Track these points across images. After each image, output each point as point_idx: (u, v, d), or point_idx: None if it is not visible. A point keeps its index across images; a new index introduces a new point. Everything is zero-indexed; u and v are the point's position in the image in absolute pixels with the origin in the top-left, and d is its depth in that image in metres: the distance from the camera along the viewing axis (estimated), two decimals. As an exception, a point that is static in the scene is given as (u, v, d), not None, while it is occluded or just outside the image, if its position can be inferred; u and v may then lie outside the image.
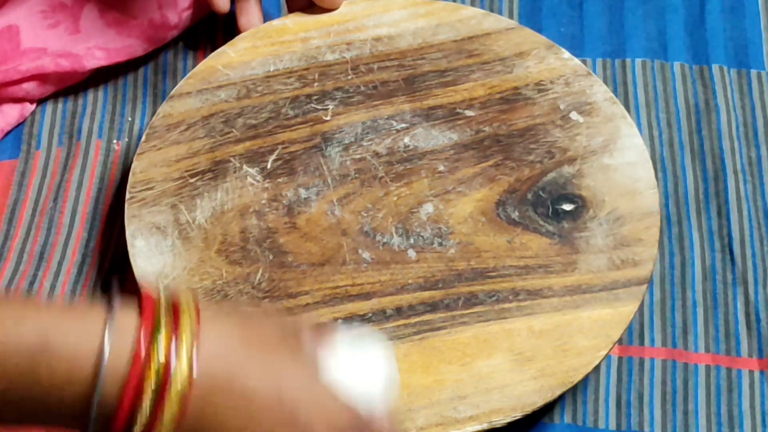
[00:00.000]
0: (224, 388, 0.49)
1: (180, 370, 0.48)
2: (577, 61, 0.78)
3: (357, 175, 0.73)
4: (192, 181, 0.73)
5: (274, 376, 0.50)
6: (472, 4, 0.86)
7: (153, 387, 0.47)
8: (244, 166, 0.74)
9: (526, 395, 0.65)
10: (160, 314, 0.49)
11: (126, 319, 0.48)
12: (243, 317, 0.52)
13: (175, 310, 0.49)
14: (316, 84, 0.77)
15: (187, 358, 0.48)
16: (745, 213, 0.78)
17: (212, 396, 0.48)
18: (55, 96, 0.82)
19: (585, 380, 0.70)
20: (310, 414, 0.50)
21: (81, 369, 0.47)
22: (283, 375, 0.50)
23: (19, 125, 0.81)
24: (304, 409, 0.50)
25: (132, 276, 0.70)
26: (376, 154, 0.74)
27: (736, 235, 0.77)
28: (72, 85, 0.82)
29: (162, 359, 0.47)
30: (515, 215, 0.72)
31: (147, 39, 0.82)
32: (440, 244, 0.71)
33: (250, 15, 0.80)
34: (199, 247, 0.70)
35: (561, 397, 0.68)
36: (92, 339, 0.47)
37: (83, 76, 0.82)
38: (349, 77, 0.77)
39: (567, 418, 0.71)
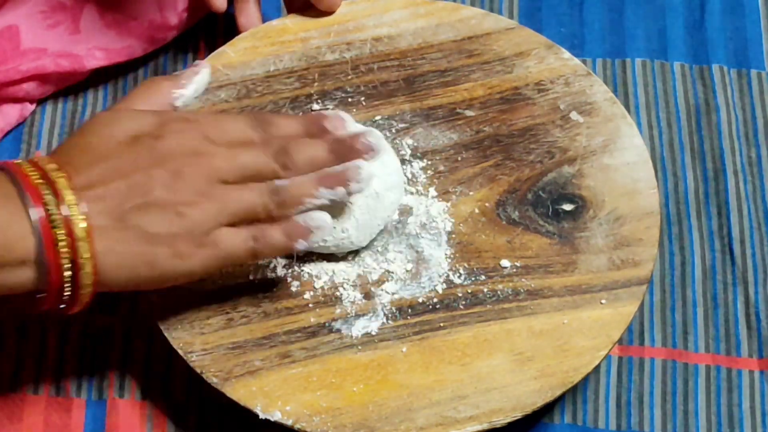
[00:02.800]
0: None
1: (77, 222, 0.58)
2: (577, 61, 0.78)
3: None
4: (192, 181, 0.73)
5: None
6: (472, 4, 0.86)
7: (65, 242, 0.58)
8: (244, 166, 0.74)
9: (526, 395, 0.65)
10: (40, 189, 0.58)
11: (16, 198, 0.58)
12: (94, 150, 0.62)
13: (44, 175, 0.59)
14: (316, 84, 0.77)
15: (79, 210, 0.59)
16: (745, 213, 0.78)
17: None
18: (55, 96, 0.82)
19: (585, 380, 0.70)
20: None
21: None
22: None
23: (19, 125, 0.81)
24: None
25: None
26: (376, 154, 0.74)
27: (736, 235, 0.77)
28: (72, 85, 0.82)
29: (60, 219, 0.58)
30: (515, 215, 0.72)
31: (147, 39, 0.82)
32: (440, 244, 0.71)
33: (249, 15, 0.80)
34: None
35: (561, 397, 0.68)
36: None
37: (83, 77, 0.82)
38: (349, 77, 0.77)
39: (567, 418, 0.71)
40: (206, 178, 0.62)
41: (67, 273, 0.59)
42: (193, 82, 0.69)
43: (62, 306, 0.61)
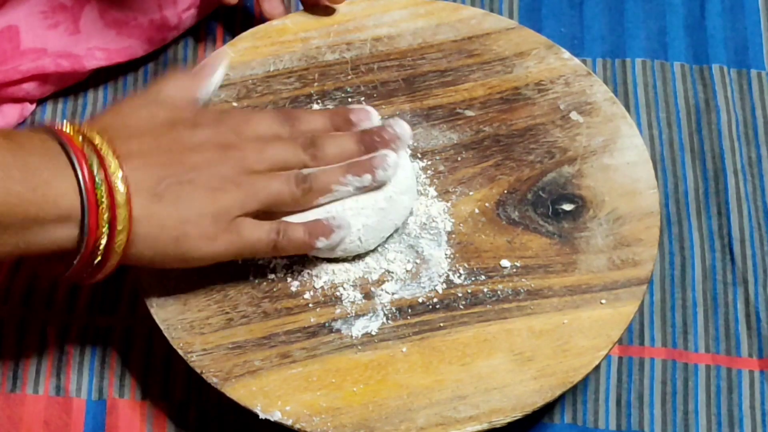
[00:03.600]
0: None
1: (118, 187, 0.59)
2: (577, 61, 0.78)
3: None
4: (192, 181, 0.73)
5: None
6: (472, 4, 0.86)
7: (105, 204, 0.59)
8: (244, 166, 0.74)
9: (526, 395, 0.65)
10: (85, 151, 0.59)
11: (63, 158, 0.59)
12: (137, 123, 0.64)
13: (87, 140, 0.60)
14: (316, 84, 0.77)
15: (121, 176, 0.60)
16: (745, 213, 0.78)
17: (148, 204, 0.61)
18: (55, 96, 0.82)
19: (585, 380, 0.70)
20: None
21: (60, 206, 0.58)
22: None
23: (19, 125, 0.81)
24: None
25: (132, 276, 0.70)
26: (376, 154, 0.74)
27: (736, 235, 0.77)
28: (72, 85, 0.82)
29: (103, 182, 0.59)
30: (515, 215, 0.72)
31: (147, 40, 0.82)
32: (440, 244, 0.71)
33: (273, 2, 0.80)
34: (199, 247, 0.70)
35: (561, 397, 0.68)
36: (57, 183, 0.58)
37: (83, 77, 0.82)
38: (349, 77, 0.77)
39: (567, 418, 0.71)
40: (236, 168, 0.64)
41: (103, 239, 0.59)
42: (214, 76, 0.70)
43: (85, 274, 0.61)
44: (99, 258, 0.60)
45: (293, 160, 0.66)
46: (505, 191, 0.73)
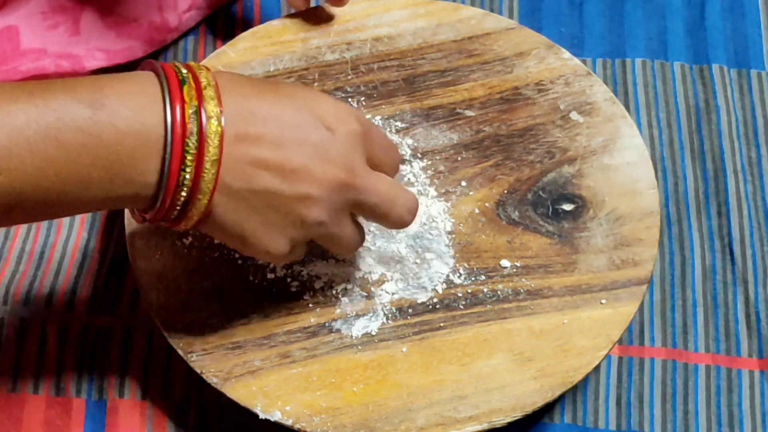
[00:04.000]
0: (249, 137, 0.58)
1: (211, 130, 0.56)
2: (577, 61, 0.78)
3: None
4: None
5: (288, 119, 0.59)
6: (472, 4, 0.86)
7: (193, 148, 0.56)
8: (244, 166, 0.74)
9: (526, 395, 0.65)
10: (185, 91, 0.57)
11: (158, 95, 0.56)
12: (257, 85, 0.60)
13: (197, 84, 0.57)
14: (316, 84, 0.77)
15: (216, 119, 0.56)
16: (745, 213, 0.78)
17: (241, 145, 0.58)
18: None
19: (585, 380, 0.70)
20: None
21: (142, 137, 0.55)
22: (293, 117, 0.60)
23: (19, 125, 0.81)
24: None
25: (132, 276, 0.70)
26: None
27: (736, 235, 0.77)
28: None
29: (194, 127, 0.56)
30: (515, 215, 0.72)
31: (147, 41, 0.82)
32: (440, 244, 0.71)
33: None
34: (200, 248, 0.70)
35: (561, 397, 0.68)
36: (148, 111, 0.56)
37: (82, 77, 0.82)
38: (349, 77, 0.77)
39: (567, 418, 0.71)
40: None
41: (188, 170, 0.56)
42: None
43: (171, 215, 0.58)
44: (184, 194, 0.57)
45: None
46: (505, 191, 0.73)
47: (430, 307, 0.69)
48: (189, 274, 0.69)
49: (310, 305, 0.69)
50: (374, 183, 0.61)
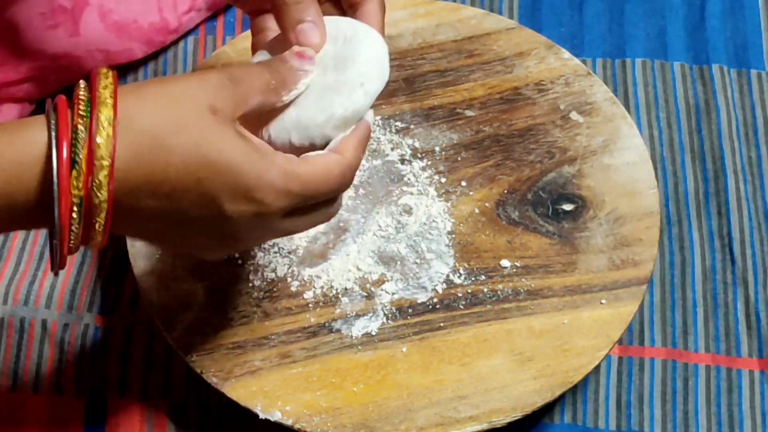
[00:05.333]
0: (146, 161, 0.52)
1: (103, 145, 0.51)
2: (577, 61, 0.78)
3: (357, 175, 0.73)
4: (192, 181, 0.73)
5: (193, 159, 0.53)
6: (472, 4, 0.86)
7: (82, 163, 0.51)
8: (244, 167, 0.74)
9: (526, 395, 0.65)
10: (79, 103, 0.53)
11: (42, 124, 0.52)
12: (162, 96, 0.54)
13: (93, 98, 0.53)
14: (316, 84, 0.77)
15: (106, 134, 0.51)
16: (745, 213, 0.78)
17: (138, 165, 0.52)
18: (55, 96, 0.82)
19: (585, 380, 0.70)
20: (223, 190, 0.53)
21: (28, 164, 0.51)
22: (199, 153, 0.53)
23: (19, 125, 0.81)
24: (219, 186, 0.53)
25: (132, 276, 0.70)
26: (376, 154, 0.74)
27: (736, 235, 0.77)
28: (72, 86, 0.82)
29: (84, 136, 0.51)
30: (515, 215, 0.72)
31: (147, 42, 0.82)
32: (440, 244, 0.71)
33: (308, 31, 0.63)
34: (199, 247, 0.70)
35: (561, 397, 0.68)
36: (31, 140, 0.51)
37: (83, 77, 0.82)
38: (349, 77, 0.77)
39: (567, 418, 0.71)
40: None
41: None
42: None
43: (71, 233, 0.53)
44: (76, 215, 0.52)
45: None
46: (505, 191, 0.73)
47: (430, 307, 0.69)
48: (189, 274, 0.69)
49: (310, 305, 0.69)
50: (288, 229, 0.58)
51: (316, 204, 0.57)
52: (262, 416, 0.65)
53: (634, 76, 0.83)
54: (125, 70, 0.83)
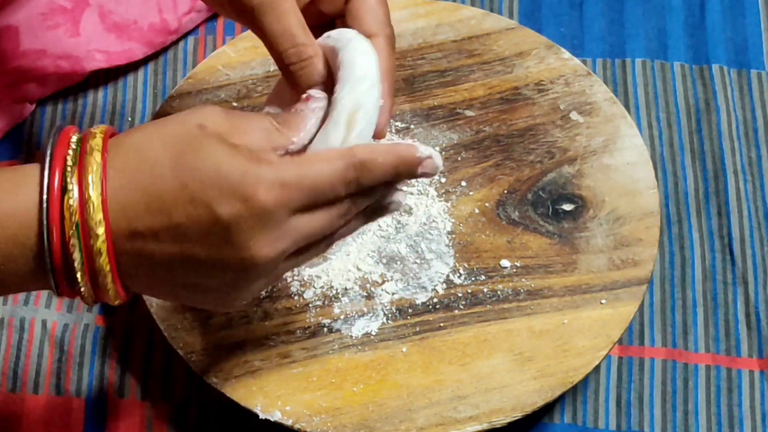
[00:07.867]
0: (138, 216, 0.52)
1: (92, 201, 0.51)
2: (577, 61, 0.78)
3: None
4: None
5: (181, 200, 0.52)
6: (472, 4, 0.86)
7: (75, 219, 0.51)
8: (244, 167, 0.73)
9: (526, 395, 0.65)
10: (66, 162, 0.52)
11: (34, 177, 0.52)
12: (151, 124, 0.55)
13: (82, 153, 0.53)
14: (316, 84, 0.77)
15: (96, 192, 0.52)
16: (745, 213, 0.78)
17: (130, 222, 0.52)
18: (54, 96, 0.82)
19: (585, 380, 0.70)
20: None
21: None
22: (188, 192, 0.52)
23: (19, 125, 0.81)
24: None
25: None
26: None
27: (736, 235, 0.77)
28: (72, 86, 0.82)
29: (75, 195, 0.51)
30: (515, 215, 0.72)
31: (147, 43, 0.82)
32: (440, 244, 0.71)
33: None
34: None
35: (561, 397, 0.68)
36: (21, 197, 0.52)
37: (82, 78, 0.82)
38: (349, 77, 0.77)
39: (567, 418, 0.71)
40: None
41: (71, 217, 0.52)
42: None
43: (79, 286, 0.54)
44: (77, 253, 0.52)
45: None
46: (505, 191, 0.73)
47: (430, 307, 0.69)
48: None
49: (310, 305, 0.69)
50: (298, 231, 0.54)
51: (326, 200, 0.54)
52: (262, 416, 0.65)
53: (634, 76, 0.83)
54: (125, 70, 0.83)
